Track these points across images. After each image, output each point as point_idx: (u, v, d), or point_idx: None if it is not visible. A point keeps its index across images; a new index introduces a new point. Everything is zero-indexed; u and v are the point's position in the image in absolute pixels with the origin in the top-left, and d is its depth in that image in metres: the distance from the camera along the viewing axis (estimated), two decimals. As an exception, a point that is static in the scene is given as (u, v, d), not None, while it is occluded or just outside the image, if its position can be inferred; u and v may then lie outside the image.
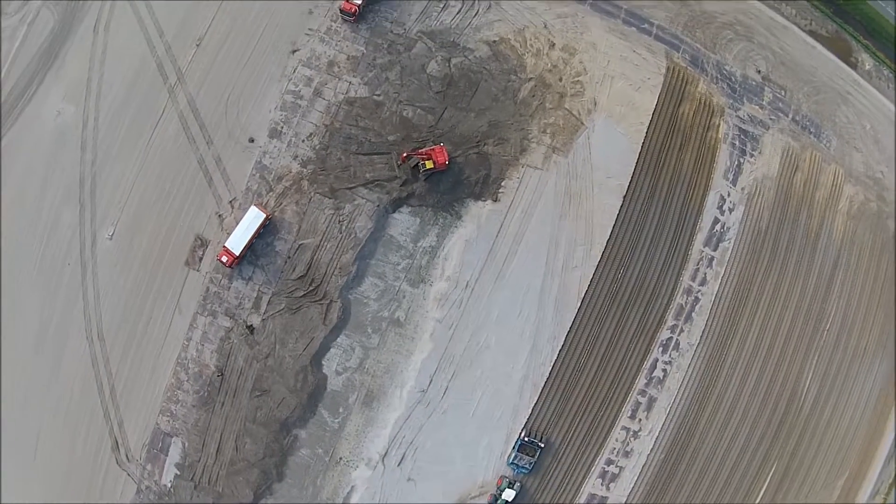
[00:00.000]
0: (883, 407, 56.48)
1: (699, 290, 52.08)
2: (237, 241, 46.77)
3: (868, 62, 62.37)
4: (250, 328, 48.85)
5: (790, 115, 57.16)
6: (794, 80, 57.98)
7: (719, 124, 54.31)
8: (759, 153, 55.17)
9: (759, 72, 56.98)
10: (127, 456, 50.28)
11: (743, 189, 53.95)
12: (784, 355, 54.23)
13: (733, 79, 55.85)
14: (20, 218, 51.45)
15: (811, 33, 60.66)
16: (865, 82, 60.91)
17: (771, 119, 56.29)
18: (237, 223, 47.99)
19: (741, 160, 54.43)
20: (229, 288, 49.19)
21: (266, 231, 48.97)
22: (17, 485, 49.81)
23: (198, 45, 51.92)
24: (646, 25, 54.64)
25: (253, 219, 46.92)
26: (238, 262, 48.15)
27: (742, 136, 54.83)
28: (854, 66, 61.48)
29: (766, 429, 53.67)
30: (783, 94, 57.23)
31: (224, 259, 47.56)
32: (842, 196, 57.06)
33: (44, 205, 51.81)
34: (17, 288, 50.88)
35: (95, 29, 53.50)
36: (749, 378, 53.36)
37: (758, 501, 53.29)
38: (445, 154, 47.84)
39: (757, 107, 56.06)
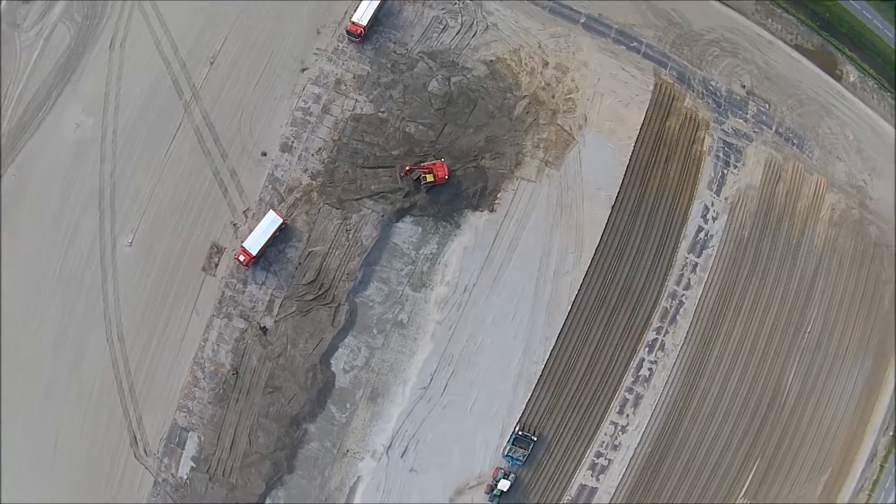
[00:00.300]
0: (865, 406, 65.07)
1: (683, 295, 61.30)
2: (254, 242, 55.43)
3: (853, 74, 71.62)
4: (263, 329, 57.70)
5: (774, 128, 66.71)
6: (778, 93, 67.16)
7: (704, 137, 63.74)
8: (743, 164, 64.74)
9: (743, 86, 66.46)
10: (145, 450, 59.02)
11: (726, 199, 63.09)
12: (766, 356, 63.16)
13: (718, 94, 65.03)
14: (40, 225, 59.23)
15: (797, 47, 69.75)
16: (850, 94, 69.87)
17: (755, 132, 65.80)
18: (251, 231, 57.72)
19: (725, 171, 63.98)
20: (244, 292, 58.04)
21: (278, 239, 57.66)
22: (36, 479, 57.55)
23: (211, 64, 60.98)
24: (635, 44, 63.58)
25: (270, 223, 55.63)
26: (254, 261, 56.59)
27: (726, 149, 64.33)
28: (839, 79, 70.47)
29: (748, 426, 62.32)
30: (767, 107, 66.64)
31: (241, 258, 55.91)
32: (823, 204, 66.43)
33: (64, 213, 59.64)
34: (37, 292, 58.53)
35: (112, 45, 62.05)
36: (732, 377, 62.38)
37: (742, 494, 63.15)
38: (445, 169, 56.59)
39: (741, 120, 65.56)
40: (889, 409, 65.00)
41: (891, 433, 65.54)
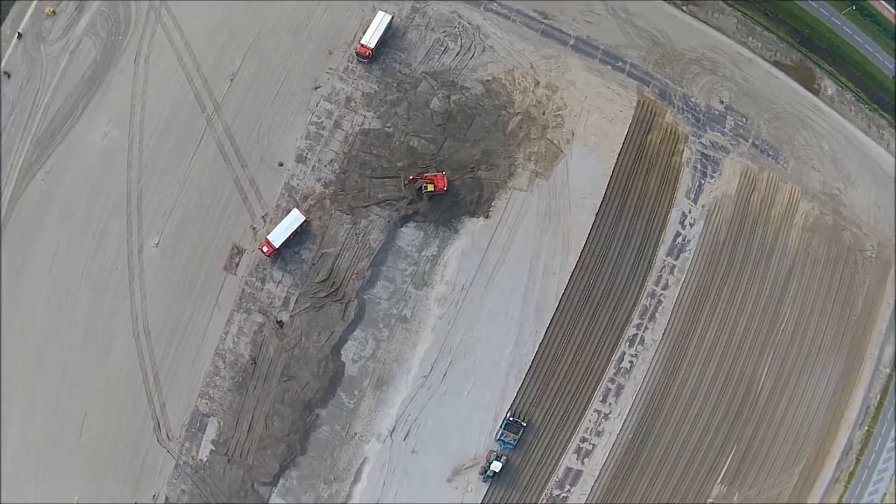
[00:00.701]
0: (839, 401, 79.16)
1: (662, 294, 77.23)
2: (278, 236, 70.08)
3: (831, 87, 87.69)
4: (280, 323, 73.01)
5: (750, 140, 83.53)
6: (755, 107, 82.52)
7: (683, 150, 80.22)
8: (720, 175, 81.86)
9: (722, 102, 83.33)
10: (167, 435, 74.33)
11: (703, 206, 78.73)
12: (740, 352, 77.47)
13: (698, 109, 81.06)
14: (69, 228, 73.20)
15: (776, 63, 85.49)
16: (827, 107, 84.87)
17: (732, 144, 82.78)
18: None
19: (702, 181, 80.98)
20: (262, 289, 73.55)
21: (295, 241, 72.65)
22: (60, 464, 71.71)
23: (232, 80, 77.33)
24: (620, 63, 79.00)
25: (294, 220, 70.37)
26: (276, 253, 70.78)
27: (704, 160, 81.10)
28: (816, 92, 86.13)
29: (724, 416, 76.55)
30: (744, 121, 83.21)
31: (265, 249, 70.20)
32: (797, 211, 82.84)
33: (92, 216, 73.53)
34: (66, 290, 72.65)
35: (136, 60, 76.74)
36: (707, 370, 77.43)
37: (718, 480, 77.12)
38: (445, 180, 71.05)
39: (719, 133, 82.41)
40: (863, 404, 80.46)
41: (865, 428, 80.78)
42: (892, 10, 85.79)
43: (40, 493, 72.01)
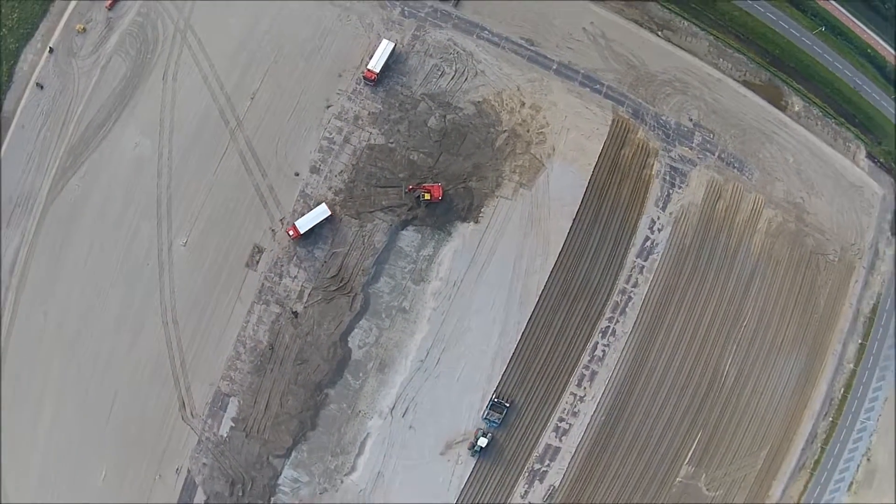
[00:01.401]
0: (802, 393, 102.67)
1: (632, 291, 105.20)
2: (304, 224, 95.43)
3: (798, 104, 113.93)
4: (295, 314, 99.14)
5: (717, 154, 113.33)
6: (722, 124, 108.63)
7: (653, 163, 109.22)
8: (687, 185, 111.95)
9: (691, 119, 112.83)
10: (192, 413, 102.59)
11: (671, 214, 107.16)
12: (705, 343, 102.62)
13: (668, 126, 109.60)
14: (103, 228, 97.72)
15: (745, 83, 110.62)
16: (793, 122, 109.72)
17: (699, 157, 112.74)
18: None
19: (670, 191, 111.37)
20: (280, 284, 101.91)
21: (308, 241, 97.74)
22: (92, 441, 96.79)
23: (252, 99, 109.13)
24: (598, 86, 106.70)
25: (320, 212, 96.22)
26: (300, 237, 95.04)
27: (672, 172, 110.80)
28: (783, 109, 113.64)
29: (690, 402, 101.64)
30: (712, 136, 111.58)
31: (290, 233, 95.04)
32: (761, 218, 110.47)
33: (125, 218, 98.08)
34: (100, 284, 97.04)
35: (164, 78, 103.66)
36: (674, 360, 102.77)
37: (686, 461, 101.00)
38: (441, 190, 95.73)
39: (687, 148, 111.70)
40: (827, 396, 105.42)
41: (830, 419, 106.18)
42: (893, 52, 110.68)
43: (70, 467, 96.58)
